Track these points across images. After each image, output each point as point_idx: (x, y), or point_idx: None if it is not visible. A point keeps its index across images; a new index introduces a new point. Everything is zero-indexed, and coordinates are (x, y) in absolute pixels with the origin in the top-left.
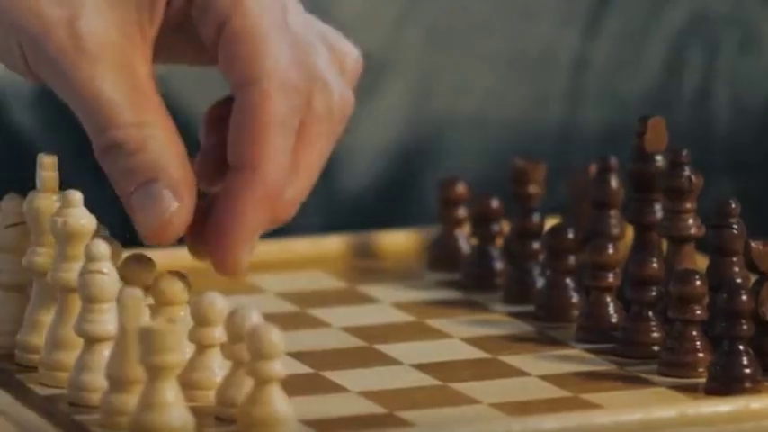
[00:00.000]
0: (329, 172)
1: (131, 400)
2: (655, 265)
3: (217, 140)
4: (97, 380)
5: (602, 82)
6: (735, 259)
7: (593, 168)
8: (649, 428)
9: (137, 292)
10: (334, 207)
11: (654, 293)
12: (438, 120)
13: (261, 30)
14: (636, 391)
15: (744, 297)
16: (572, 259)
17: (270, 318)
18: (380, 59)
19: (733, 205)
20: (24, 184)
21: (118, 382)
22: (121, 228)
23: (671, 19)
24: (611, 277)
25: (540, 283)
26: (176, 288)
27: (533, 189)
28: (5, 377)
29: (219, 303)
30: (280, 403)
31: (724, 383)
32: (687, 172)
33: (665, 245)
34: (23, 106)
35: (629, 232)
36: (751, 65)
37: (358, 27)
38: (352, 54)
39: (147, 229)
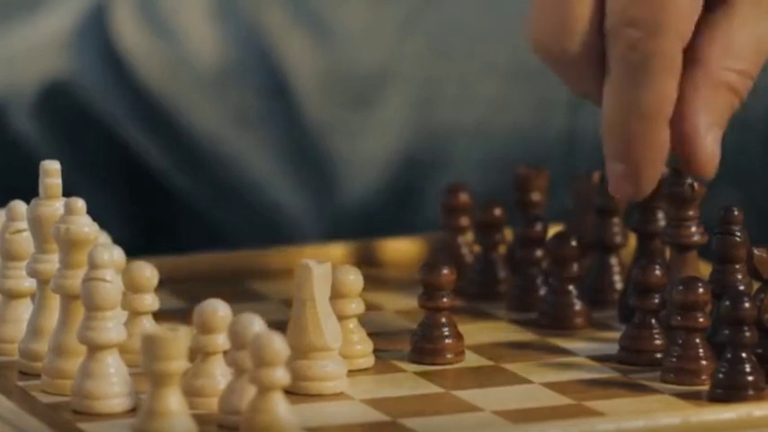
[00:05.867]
0: (332, 182)
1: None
2: (658, 272)
3: None
4: (101, 387)
5: None
6: (738, 266)
7: (597, 176)
8: None
9: None
10: (337, 217)
11: (657, 301)
12: (441, 129)
13: None
14: (639, 399)
15: (747, 304)
16: (575, 266)
17: (273, 325)
18: (383, 70)
19: (736, 212)
20: (26, 192)
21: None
22: (124, 235)
23: None
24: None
25: (544, 290)
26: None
27: (536, 196)
28: (8, 384)
29: (222, 311)
30: (282, 411)
31: (727, 391)
32: (689, 179)
33: (668, 252)
34: (25, 114)
35: (633, 240)
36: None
37: (360, 38)
38: None
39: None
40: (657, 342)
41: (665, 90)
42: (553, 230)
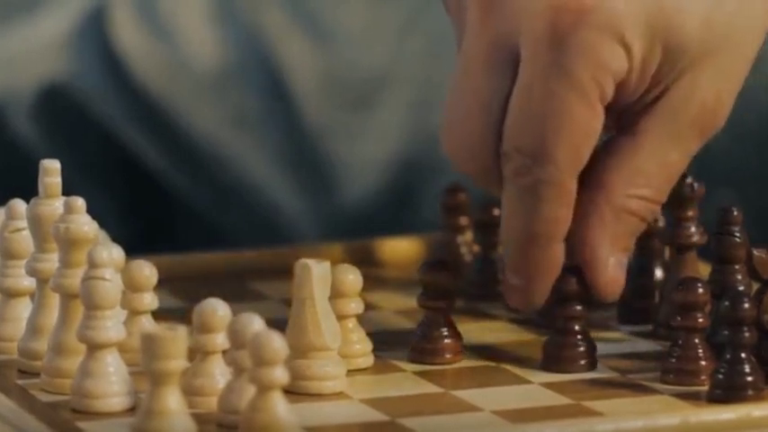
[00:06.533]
0: (331, 183)
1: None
2: (574, 279)
3: None
4: (100, 386)
5: None
6: (737, 267)
7: None
8: None
9: None
10: (336, 218)
11: (578, 307)
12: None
13: None
14: (638, 399)
15: (746, 305)
16: None
17: (272, 324)
18: (382, 71)
19: (735, 213)
20: (25, 193)
21: None
22: (123, 236)
23: None
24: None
25: None
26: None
27: None
28: (7, 383)
29: (222, 310)
30: (282, 410)
31: (726, 391)
32: (689, 179)
33: (667, 252)
34: (24, 116)
35: None
36: (752, 76)
37: (359, 39)
38: None
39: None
40: (581, 349)
41: (554, 215)
42: None
